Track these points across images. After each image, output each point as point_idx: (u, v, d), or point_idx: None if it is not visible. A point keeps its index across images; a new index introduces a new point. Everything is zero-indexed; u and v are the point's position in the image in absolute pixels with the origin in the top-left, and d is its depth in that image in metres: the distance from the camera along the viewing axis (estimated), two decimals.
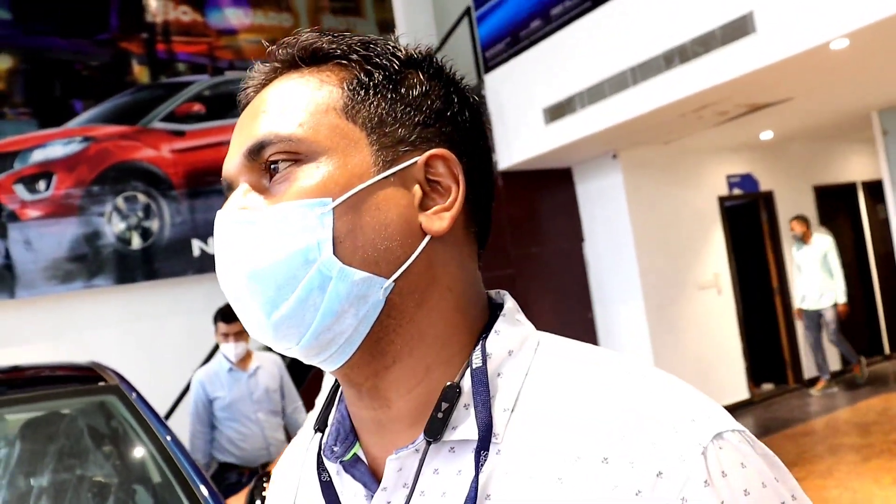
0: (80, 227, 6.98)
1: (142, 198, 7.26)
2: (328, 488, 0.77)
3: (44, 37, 7.15)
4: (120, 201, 7.16)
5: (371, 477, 0.74)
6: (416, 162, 0.72)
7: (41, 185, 6.91)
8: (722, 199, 8.75)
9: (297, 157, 0.70)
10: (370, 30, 8.76)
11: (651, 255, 7.78)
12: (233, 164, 0.74)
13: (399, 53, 0.76)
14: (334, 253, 0.68)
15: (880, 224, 10.16)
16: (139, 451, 2.44)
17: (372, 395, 0.73)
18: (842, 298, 8.53)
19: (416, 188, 0.72)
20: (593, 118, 6.23)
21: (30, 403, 2.54)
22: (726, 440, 0.63)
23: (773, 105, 6.59)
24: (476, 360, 0.71)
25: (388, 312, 0.70)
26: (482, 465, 0.67)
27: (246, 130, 0.73)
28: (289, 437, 4.63)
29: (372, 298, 0.69)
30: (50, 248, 6.85)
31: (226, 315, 4.39)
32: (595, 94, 6.12)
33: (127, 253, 7.17)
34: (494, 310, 0.78)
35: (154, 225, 7.30)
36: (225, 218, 0.71)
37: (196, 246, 7.43)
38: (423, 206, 0.72)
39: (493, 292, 0.80)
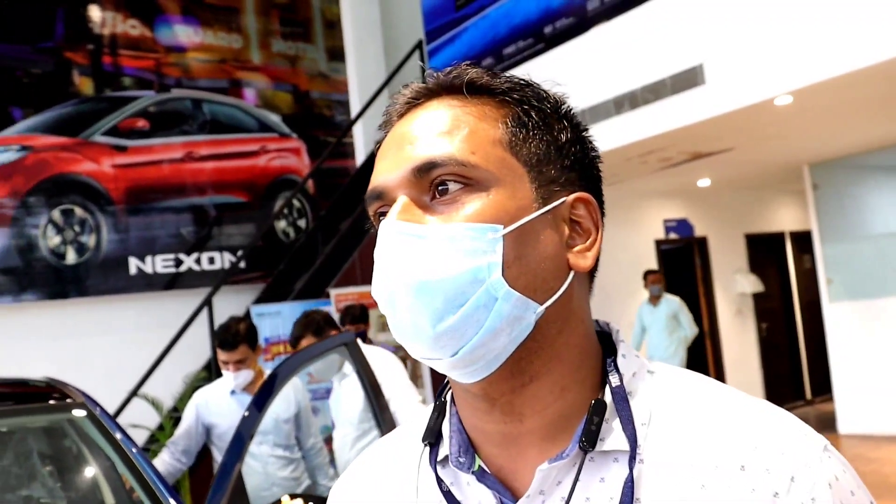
0: (12, 239, 6.78)
1: (79, 212, 7.09)
2: (451, 498, 0.80)
3: None
4: (56, 214, 6.98)
5: (502, 486, 0.79)
6: (564, 202, 0.78)
7: None
8: (658, 242, 8.94)
9: (469, 181, 0.74)
10: (319, 56, 8.76)
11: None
12: (395, 176, 0.77)
13: (550, 99, 0.83)
14: (502, 275, 0.73)
15: (806, 273, 10.50)
16: (110, 468, 2.38)
17: (505, 410, 0.78)
18: (683, 360, 7.83)
19: (564, 227, 0.78)
20: None
21: None
22: (831, 451, 0.74)
23: (714, 154, 6.78)
24: (614, 380, 0.79)
25: (532, 336, 0.75)
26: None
27: (412, 147, 0.77)
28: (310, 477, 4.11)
29: (526, 321, 0.74)
30: None
31: (223, 342, 3.93)
32: None
33: (60, 268, 6.98)
34: (599, 337, 0.85)
35: (90, 240, 7.13)
36: (392, 228, 0.74)
37: (133, 264, 7.27)
38: (567, 245, 0.78)
39: (597, 321, 0.87)
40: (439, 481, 0.81)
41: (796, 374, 10.56)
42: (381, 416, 3.33)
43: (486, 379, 0.75)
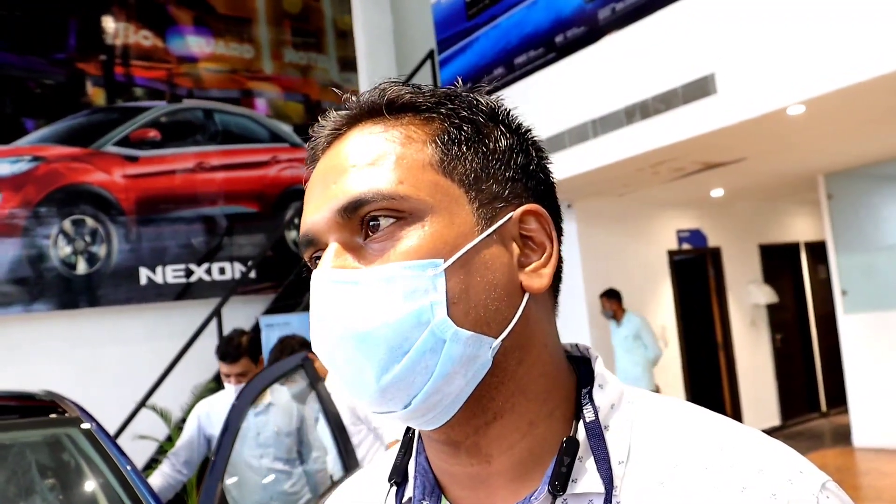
0: (23, 249, 6.80)
1: (90, 222, 7.11)
2: None
3: None
4: (67, 224, 7.00)
5: None
6: (510, 218, 0.71)
7: None
8: (671, 253, 8.89)
9: (401, 214, 0.68)
10: (331, 66, 8.77)
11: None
12: (320, 219, 0.70)
13: (483, 106, 0.74)
14: (448, 315, 0.66)
15: (821, 284, 10.41)
16: (104, 485, 2.36)
17: (472, 452, 0.72)
18: (651, 383, 7.32)
19: (514, 245, 0.71)
20: (552, 168, 6.27)
21: None
22: (829, 490, 0.66)
23: (726, 164, 6.73)
24: (588, 415, 0.71)
25: (492, 371, 0.69)
26: None
27: (336, 186, 0.70)
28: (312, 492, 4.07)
29: (481, 359, 0.68)
30: None
31: (225, 355, 3.92)
32: (555, 143, 6.19)
33: (71, 278, 6.99)
34: (574, 362, 0.78)
35: (101, 251, 7.14)
36: (323, 278, 0.68)
37: (143, 274, 7.28)
38: (520, 264, 0.71)
39: (567, 345, 0.80)
40: None
41: (811, 386, 10.47)
42: (344, 446, 3.29)
43: (448, 423, 0.69)
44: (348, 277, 0.67)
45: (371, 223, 0.68)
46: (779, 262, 10.25)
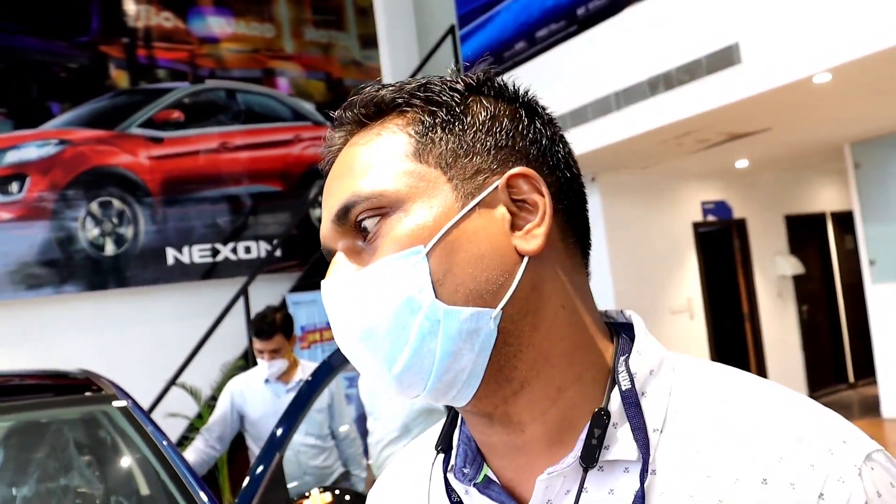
0: (52, 232, 6.87)
1: (117, 204, 7.17)
2: None
3: (22, 37, 7.05)
4: (94, 206, 7.06)
5: (508, 496, 0.74)
6: (496, 186, 0.72)
7: (14, 186, 6.79)
8: (696, 225, 8.84)
9: (383, 210, 0.71)
10: (352, 44, 8.75)
11: (626, 279, 7.83)
12: (326, 231, 0.75)
13: (458, 86, 0.75)
14: (436, 297, 0.68)
15: (848, 254, 10.33)
16: (141, 460, 2.41)
17: (504, 421, 0.73)
18: None
19: (504, 212, 0.71)
20: (575, 141, 6.14)
21: (28, 412, 2.50)
22: (876, 461, 0.65)
23: (751, 135, 6.68)
24: (624, 382, 0.71)
25: (504, 340, 0.70)
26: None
27: (331, 199, 0.75)
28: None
29: (484, 331, 0.69)
30: (20, 252, 6.73)
31: (259, 332, 3.98)
32: (578, 117, 6.16)
33: (99, 259, 7.06)
34: (615, 328, 0.78)
35: (128, 232, 7.21)
36: (329, 286, 0.73)
37: (170, 255, 7.35)
38: (517, 228, 0.72)
39: (612, 311, 0.81)
40: (449, 491, 0.78)
41: (839, 357, 10.41)
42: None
43: (475, 396, 0.71)
44: (347, 281, 0.71)
45: (361, 225, 0.72)
46: (805, 233, 10.16)
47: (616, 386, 0.72)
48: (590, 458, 0.68)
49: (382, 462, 3.73)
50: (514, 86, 0.78)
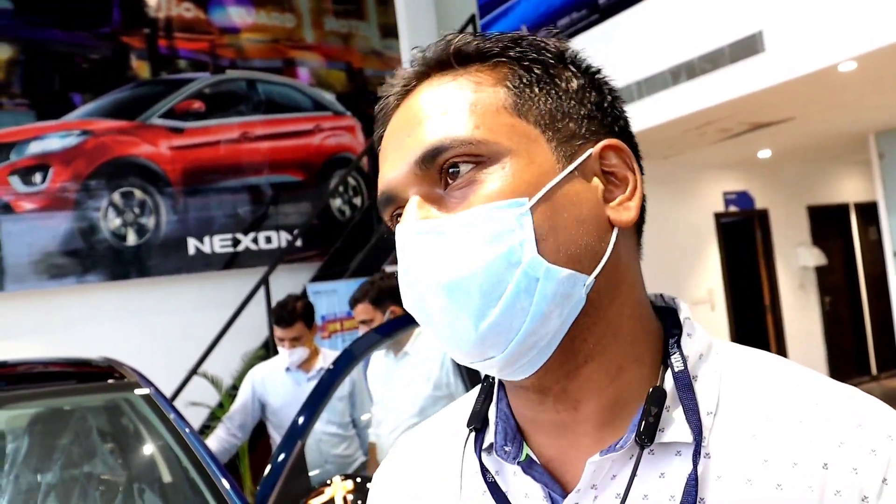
0: (74, 222, 6.92)
1: (138, 194, 7.21)
2: (496, 489, 0.74)
3: (44, 28, 7.09)
4: (116, 197, 7.10)
5: (551, 478, 0.72)
6: (590, 154, 0.71)
7: (37, 177, 6.84)
8: (718, 216, 8.79)
9: (480, 159, 0.68)
10: (372, 34, 8.74)
11: (647, 269, 7.67)
12: (398, 174, 0.71)
13: (550, 48, 0.74)
14: (538, 252, 0.65)
15: (871, 245, 10.23)
16: (164, 447, 2.42)
17: (560, 398, 0.71)
18: None
19: (597, 181, 0.71)
20: None
21: (52, 399, 2.53)
22: None
23: (774, 124, 6.62)
24: (677, 364, 0.70)
25: (585, 310, 0.68)
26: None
27: (411, 139, 0.70)
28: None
29: (575, 297, 0.67)
30: (43, 242, 6.79)
31: (280, 319, 3.95)
32: None
33: (122, 249, 7.11)
34: (659, 312, 0.77)
35: (150, 222, 7.25)
36: (409, 230, 0.68)
37: (192, 245, 7.38)
38: (607, 200, 0.71)
39: (651, 295, 0.79)
40: (484, 470, 0.75)
41: (861, 349, 10.32)
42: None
43: (542, 367, 0.68)
44: (434, 227, 0.67)
45: (451, 170, 0.68)
46: (828, 224, 10.07)
47: (668, 368, 0.71)
48: (649, 436, 0.66)
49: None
50: (590, 62, 0.77)
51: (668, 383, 0.70)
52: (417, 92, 0.73)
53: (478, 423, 0.77)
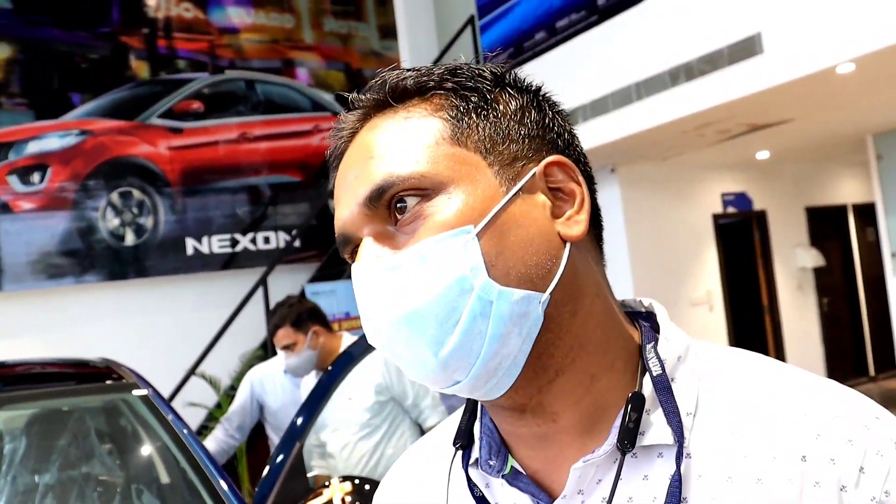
0: (73, 222, 6.92)
1: (137, 194, 7.21)
2: (484, 503, 0.77)
3: (43, 28, 7.09)
4: (115, 197, 7.10)
5: (536, 488, 0.74)
6: (535, 173, 0.72)
7: (35, 177, 6.84)
8: (716, 217, 8.79)
9: (424, 192, 0.69)
10: (371, 34, 8.75)
11: (646, 270, 7.80)
12: (349, 216, 0.73)
13: (485, 73, 0.76)
14: (489, 277, 0.67)
15: (869, 246, 10.24)
16: (162, 448, 2.42)
17: (537, 412, 0.72)
18: None
19: (544, 199, 0.72)
20: (596, 132, 6.23)
21: (50, 399, 2.53)
22: None
23: (773, 126, 6.62)
24: (655, 367, 0.72)
25: (546, 326, 0.69)
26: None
27: (357, 180, 0.72)
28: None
29: (532, 315, 0.68)
30: (42, 242, 6.78)
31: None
32: (598, 107, 6.13)
33: (120, 249, 7.11)
34: (638, 317, 0.79)
35: (148, 222, 7.25)
36: (365, 269, 0.70)
37: (190, 245, 7.38)
38: (556, 215, 0.72)
39: (629, 300, 0.82)
40: (471, 485, 0.77)
41: (859, 350, 10.33)
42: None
43: (512, 387, 0.70)
44: (386, 264, 0.69)
45: (399, 206, 0.70)
46: (826, 225, 10.09)
47: (647, 372, 0.72)
48: (630, 441, 0.68)
49: (359, 460, 3.52)
50: (529, 80, 0.79)
51: (647, 387, 0.71)
52: (361, 134, 0.75)
53: (463, 440, 0.79)
